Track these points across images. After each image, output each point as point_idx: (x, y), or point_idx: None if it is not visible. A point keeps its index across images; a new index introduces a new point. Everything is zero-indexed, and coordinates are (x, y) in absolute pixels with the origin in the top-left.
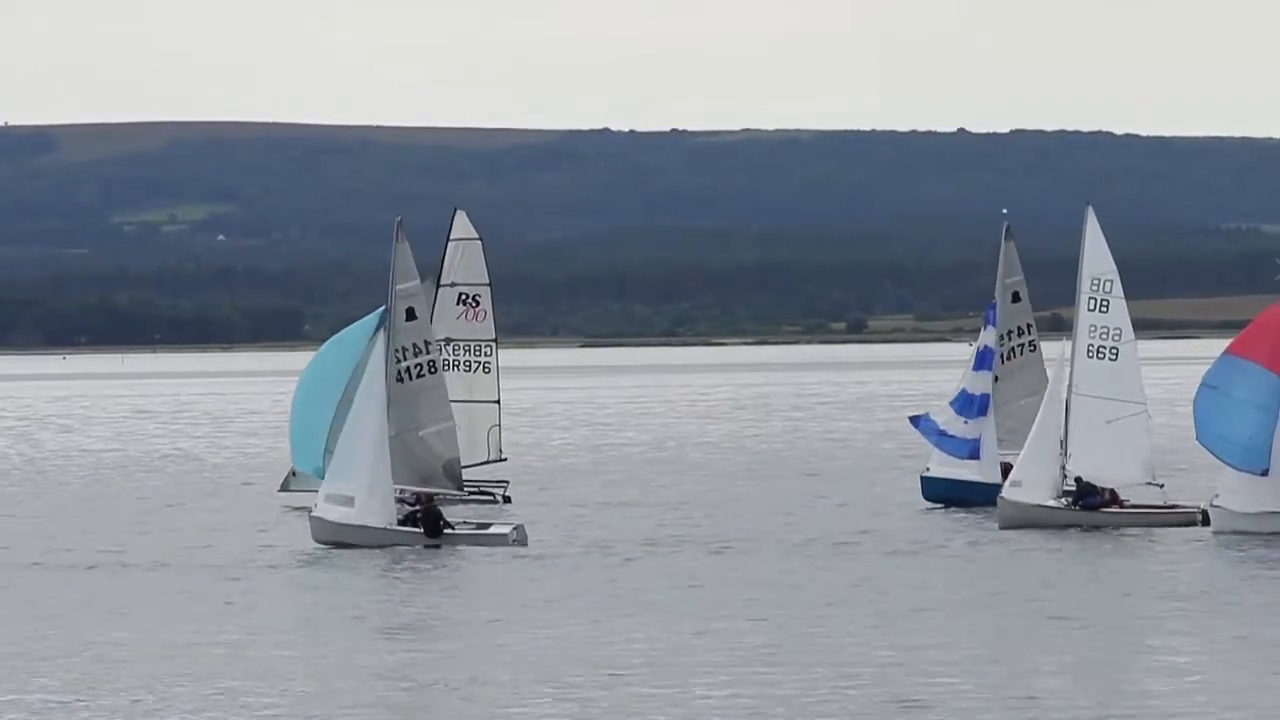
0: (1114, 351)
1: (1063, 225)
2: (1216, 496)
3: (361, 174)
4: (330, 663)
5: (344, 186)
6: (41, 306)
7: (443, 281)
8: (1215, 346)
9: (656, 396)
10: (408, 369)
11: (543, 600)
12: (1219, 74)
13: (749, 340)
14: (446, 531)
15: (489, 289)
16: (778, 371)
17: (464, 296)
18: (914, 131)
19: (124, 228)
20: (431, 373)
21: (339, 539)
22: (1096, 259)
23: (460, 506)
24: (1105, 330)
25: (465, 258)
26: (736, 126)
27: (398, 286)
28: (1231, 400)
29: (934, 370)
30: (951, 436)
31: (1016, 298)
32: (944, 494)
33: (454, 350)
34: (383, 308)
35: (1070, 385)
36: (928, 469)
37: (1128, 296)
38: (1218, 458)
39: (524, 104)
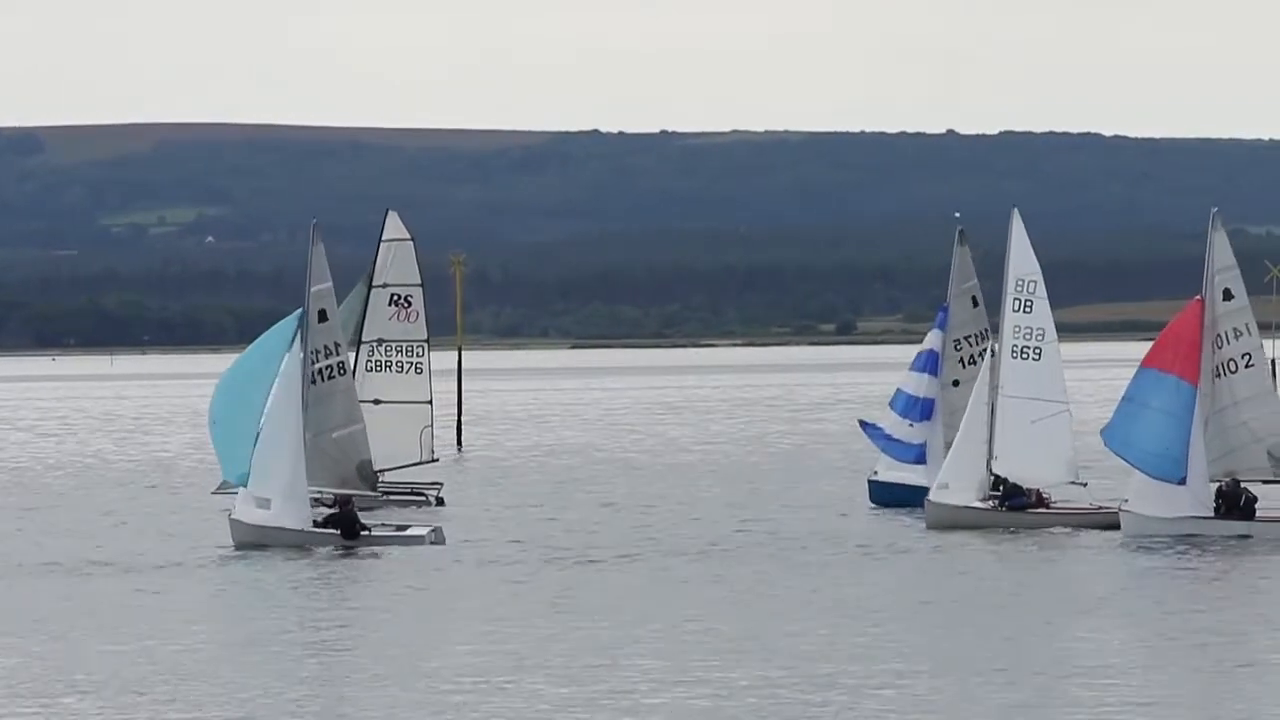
0: (1037, 352)
1: (1052, 227)
2: (1125, 501)
3: (351, 176)
4: (239, 663)
5: (333, 188)
6: (30, 308)
7: (375, 282)
8: None
9: (637, 398)
10: (319, 370)
11: (449, 603)
12: (1208, 75)
13: (738, 342)
14: (364, 533)
15: (421, 289)
16: (765, 373)
17: (396, 297)
18: (903, 133)
19: (112, 229)
20: (341, 374)
21: (257, 541)
22: (1021, 260)
23: (390, 508)
24: (1029, 331)
25: (397, 258)
26: (726, 128)
27: (312, 288)
28: (1149, 412)
29: None
30: (897, 441)
31: (976, 302)
32: (891, 499)
33: (386, 351)
34: (299, 310)
35: (996, 386)
36: (875, 473)
37: (1116, 299)
38: (1141, 470)
39: (513, 106)
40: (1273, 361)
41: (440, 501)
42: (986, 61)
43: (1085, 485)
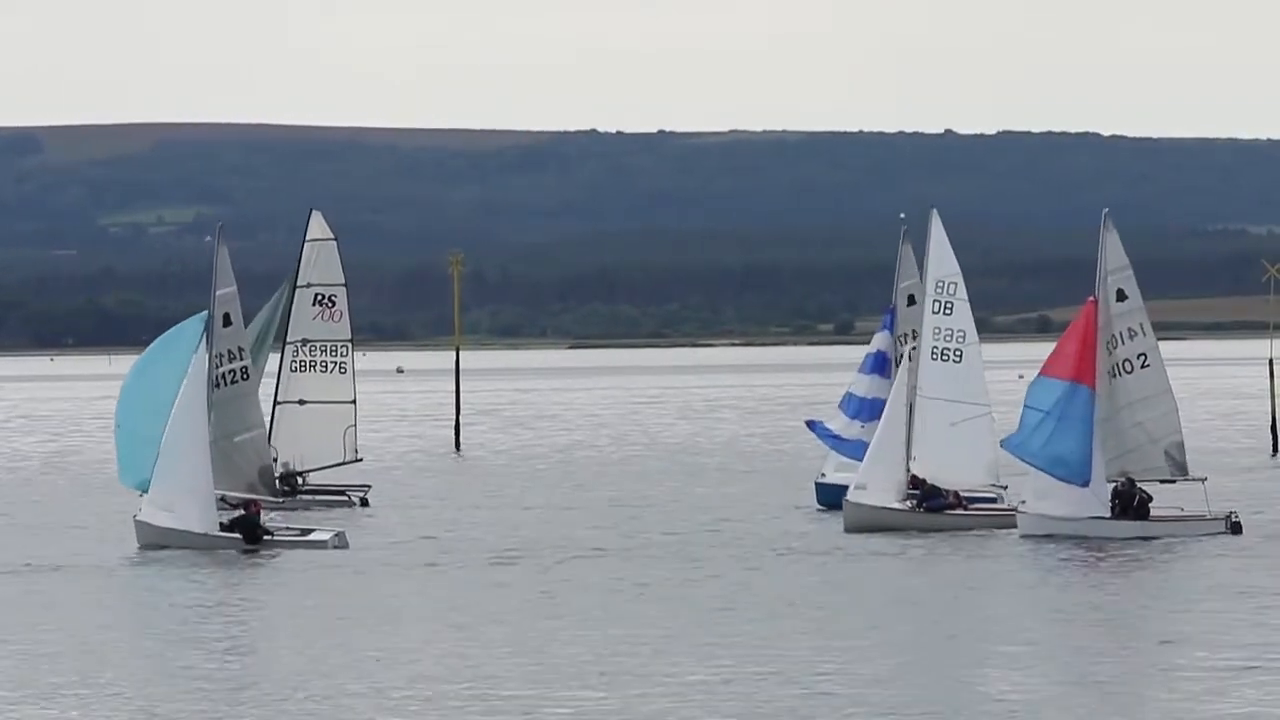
0: (958, 354)
1: (1050, 226)
2: (1023, 501)
3: (349, 176)
4: (126, 668)
5: (331, 188)
6: (28, 308)
7: (299, 282)
8: (1202, 348)
9: (631, 398)
10: (223, 375)
11: (344, 607)
12: (1207, 75)
13: (736, 341)
14: (266, 537)
15: (344, 289)
16: (763, 373)
17: (320, 297)
18: (901, 132)
19: (111, 229)
20: (244, 379)
21: (162, 543)
22: (941, 262)
23: (315, 508)
24: (950, 332)
25: (321, 258)
26: (724, 128)
27: (217, 292)
28: (1051, 418)
29: None
30: (848, 440)
31: (912, 301)
32: (839, 501)
33: (310, 351)
34: (204, 313)
35: (914, 387)
36: (823, 475)
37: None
38: (1047, 473)
39: (511, 105)
40: (1270, 362)
41: (364, 503)
42: (985, 61)
43: (1005, 488)
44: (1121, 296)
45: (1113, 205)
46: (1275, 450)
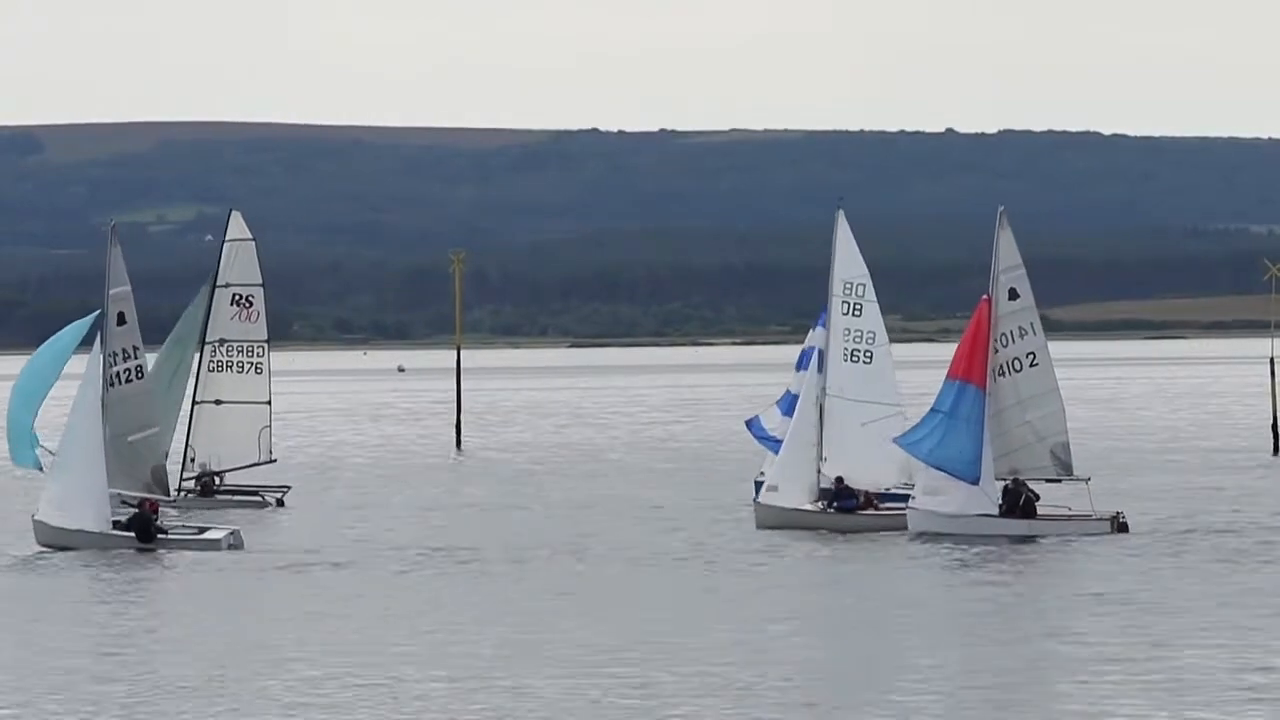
0: (868, 355)
1: (1051, 225)
2: (913, 499)
3: (350, 175)
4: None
5: (332, 187)
6: (30, 307)
7: (219, 282)
8: (1203, 347)
9: (631, 396)
10: (118, 374)
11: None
12: (1207, 74)
13: (737, 340)
14: (160, 536)
15: (262, 289)
16: (758, 372)
17: (238, 297)
18: (902, 131)
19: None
20: (139, 377)
21: (58, 542)
22: (848, 263)
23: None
24: (859, 334)
25: (239, 258)
26: (725, 126)
27: (110, 291)
28: (947, 418)
29: (919, 371)
30: (782, 440)
31: None
32: None
33: (228, 351)
34: (97, 312)
35: (825, 388)
36: (762, 474)
37: (1118, 297)
38: (939, 469)
39: (512, 104)
40: (1272, 361)
41: (280, 504)
42: (986, 60)
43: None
44: (1014, 295)
45: (1113, 204)
46: (1276, 450)
